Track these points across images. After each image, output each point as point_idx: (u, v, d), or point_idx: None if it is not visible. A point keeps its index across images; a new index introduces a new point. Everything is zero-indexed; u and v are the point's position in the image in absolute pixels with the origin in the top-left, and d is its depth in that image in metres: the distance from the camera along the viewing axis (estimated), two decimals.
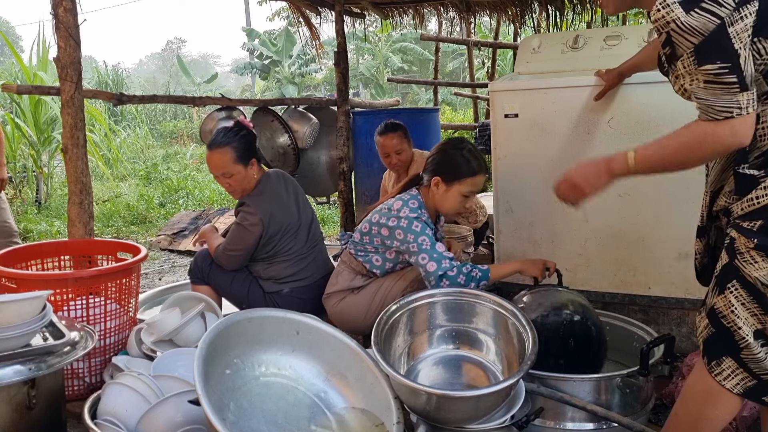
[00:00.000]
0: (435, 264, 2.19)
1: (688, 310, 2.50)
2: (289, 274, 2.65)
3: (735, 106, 1.33)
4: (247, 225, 2.55)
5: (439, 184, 2.34)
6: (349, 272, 2.53)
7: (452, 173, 2.32)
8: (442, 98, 14.93)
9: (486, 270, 2.20)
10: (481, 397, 1.64)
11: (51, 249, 2.69)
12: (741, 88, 1.31)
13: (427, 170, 2.41)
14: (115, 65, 17.48)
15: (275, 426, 1.71)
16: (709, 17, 1.27)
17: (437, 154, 2.40)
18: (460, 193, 2.34)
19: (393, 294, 2.37)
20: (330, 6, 4.65)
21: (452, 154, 2.35)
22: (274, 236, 2.60)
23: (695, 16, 1.28)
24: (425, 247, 2.22)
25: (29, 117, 7.25)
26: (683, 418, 1.59)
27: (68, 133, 2.66)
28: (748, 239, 1.39)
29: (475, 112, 7.83)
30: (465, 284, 2.15)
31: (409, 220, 2.28)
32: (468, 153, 2.34)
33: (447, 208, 2.39)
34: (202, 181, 9.07)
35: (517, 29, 6.61)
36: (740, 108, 1.33)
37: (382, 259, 2.46)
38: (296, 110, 4.76)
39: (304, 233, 2.69)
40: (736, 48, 1.29)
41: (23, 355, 1.69)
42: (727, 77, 1.31)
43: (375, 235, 2.41)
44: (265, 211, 2.55)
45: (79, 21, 2.64)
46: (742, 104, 1.33)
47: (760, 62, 1.37)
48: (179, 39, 63.96)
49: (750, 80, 1.32)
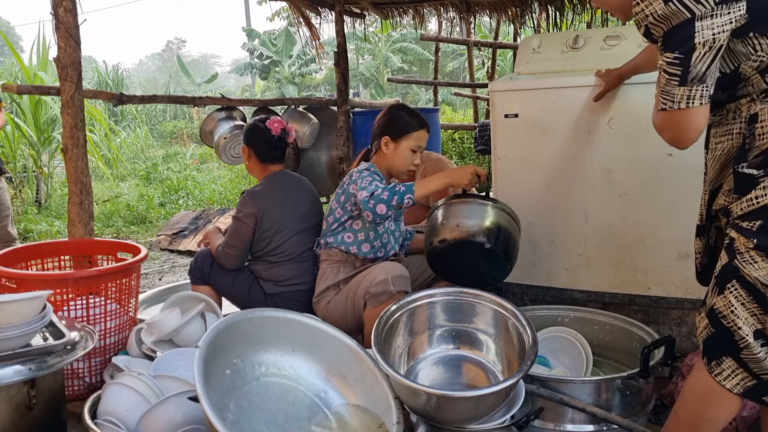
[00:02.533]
0: (365, 192, 2.26)
1: (688, 310, 2.50)
2: (290, 276, 2.64)
3: (669, 99, 1.37)
4: (242, 216, 2.60)
5: (388, 143, 2.50)
6: (331, 267, 2.53)
7: (399, 130, 2.49)
8: (442, 98, 14.93)
9: (410, 185, 2.22)
10: (481, 398, 1.64)
11: (51, 249, 2.69)
12: (679, 81, 1.34)
13: (375, 135, 2.56)
14: (115, 65, 17.51)
15: (275, 426, 1.71)
16: (683, 10, 1.29)
17: (383, 117, 2.57)
18: (408, 148, 2.49)
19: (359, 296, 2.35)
20: (330, 6, 4.65)
21: (396, 114, 2.54)
22: (268, 231, 2.61)
23: (672, 7, 1.30)
24: (363, 184, 2.32)
25: (29, 117, 7.25)
26: (683, 418, 1.58)
27: (68, 133, 2.66)
28: (748, 239, 1.39)
29: (475, 112, 7.83)
30: (388, 199, 2.19)
31: (359, 172, 2.43)
32: (410, 111, 2.56)
33: (399, 165, 2.52)
34: (202, 181, 9.07)
35: (517, 29, 6.60)
36: (673, 101, 1.36)
37: (353, 234, 2.49)
38: (296, 110, 4.76)
39: (307, 236, 2.68)
40: (696, 42, 1.30)
41: (23, 355, 1.69)
42: (674, 68, 1.34)
43: (335, 209, 2.51)
44: (259, 205, 2.60)
45: (79, 21, 2.65)
46: (675, 98, 1.36)
47: (755, 58, 1.37)
48: (179, 39, 64.03)
49: (695, 77, 1.33)
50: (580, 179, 2.56)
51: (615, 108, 2.45)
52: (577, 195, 2.57)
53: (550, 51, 2.86)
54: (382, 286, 2.26)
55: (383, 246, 2.55)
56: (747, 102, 1.44)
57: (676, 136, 1.43)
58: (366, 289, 2.31)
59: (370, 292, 2.28)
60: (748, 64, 1.38)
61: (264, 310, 1.95)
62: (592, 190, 2.54)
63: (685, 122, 1.39)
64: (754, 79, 1.40)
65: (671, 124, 1.41)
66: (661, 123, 1.43)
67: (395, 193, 2.19)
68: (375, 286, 2.27)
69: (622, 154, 2.47)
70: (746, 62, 1.38)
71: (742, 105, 1.45)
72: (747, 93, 1.44)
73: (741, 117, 1.45)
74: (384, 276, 2.27)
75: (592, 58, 2.72)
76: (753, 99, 1.43)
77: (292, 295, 2.63)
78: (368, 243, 2.51)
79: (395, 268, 2.31)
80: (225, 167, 9.83)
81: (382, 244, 2.54)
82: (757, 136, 1.40)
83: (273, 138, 2.70)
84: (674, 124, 1.40)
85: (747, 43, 1.35)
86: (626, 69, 2.31)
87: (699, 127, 1.40)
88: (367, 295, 2.30)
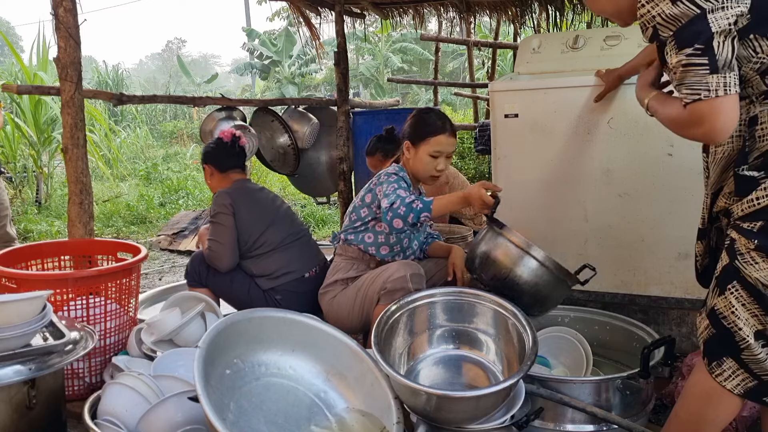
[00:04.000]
0: (386, 200, 2.24)
1: (688, 310, 2.50)
2: (278, 266, 2.66)
3: (703, 88, 1.30)
4: (218, 210, 2.65)
5: (409, 147, 2.46)
6: (346, 262, 2.53)
7: (417, 134, 2.43)
8: (442, 98, 14.94)
9: (428, 202, 2.19)
10: (481, 398, 1.64)
11: (51, 249, 2.69)
12: (710, 69, 1.29)
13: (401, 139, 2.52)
14: (115, 65, 17.51)
15: (275, 426, 1.71)
16: (692, 7, 1.29)
17: (408, 121, 2.51)
18: (427, 153, 2.41)
19: (371, 294, 2.34)
20: (330, 6, 4.65)
21: (418, 117, 2.48)
22: (245, 222, 2.66)
23: (680, 6, 1.30)
24: (387, 190, 2.29)
25: (29, 117, 7.25)
26: (683, 418, 1.58)
27: (68, 133, 2.66)
28: (749, 240, 1.39)
29: (475, 112, 7.83)
30: (405, 215, 2.17)
31: (388, 175, 2.39)
32: (433, 114, 2.47)
33: (420, 171, 2.46)
34: (202, 181, 9.03)
35: (517, 29, 6.59)
36: (708, 90, 1.30)
37: (373, 236, 2.48)
38: (296, 110, 4.75)
39: (283, 223, 2.73)
40: (713, 31, 1.28)
41: (23, 355, 1.69)
42: (699, 59, 1.30)
43: (360, 207, 2.49)
44: (232, 197, 2.67)
45: (79, 21, 2.64)
46: (711, 86, 1.29)
47: (756, 60, 1.36)
48: (179, 39, 64.02)
49: (725, 63, 1.29)
50: (580, 179, 2.56)
51: (615, 108, 2.45)
52: (577, 195, 2.57)
53: (550, 51, 2.86)
54: (400, 282, 2.24)
55: (402, 250, 2.54)
56: (746, 104, 1.44)
57: (712, 128, 1.32)
58: (382, 285, 2.29)
59: (387, 288, 2.27)
60: (749, 66, 1.38)
61: (264, 310, 1.95)
62: (592, 190, 2.54)
63: (724, 111, 1.30)
64: (754, 80, 1.40)
65: (708, 116, 1.31)
66: (693, 117, 1.33)
67: (412, 210, 2.17)
68: (392, 282, 2.26)
69: (622, 154, 2.48)
70: (747, 64, 1.38)
71: (741, 107, 1.44)
72: (746, 95, 1.43)
73: (741, 119, 1.44)
74: (403, 273, 2.26)
75: (592, 58, 2.72)
76: (752, 101, 1.43)
77: (288, 286, 2.66)
78: (387, 246, 2.50)
79: (413, 266, 2.30)
80: None
81: (402, 248, 2.53)
82: (758, 138, 1.40)
83: (226, 145, 2.82)
84: (712, 115, 1.31)
85: (747, 45, 1.35)
86: (626, 69, 2.31)
87: (736, 116, 1.33)
88: (383, 290, 2.28)
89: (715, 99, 1.30)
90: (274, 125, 4.65)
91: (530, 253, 1.98)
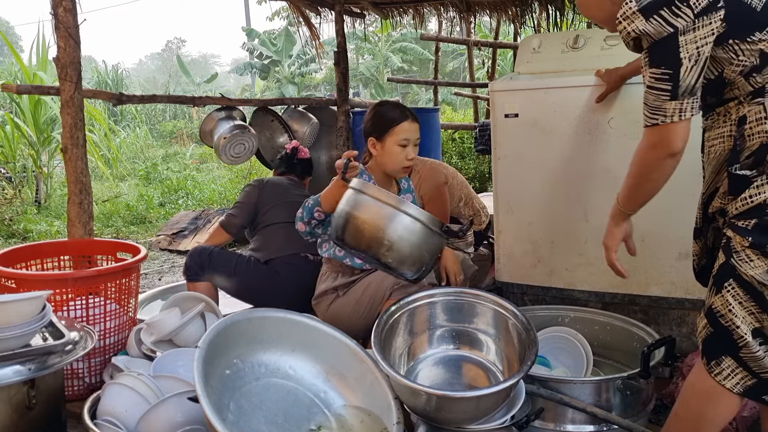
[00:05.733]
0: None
1: (688, 310, 2.50)
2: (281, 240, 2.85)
3: (661, 114, 1.40)
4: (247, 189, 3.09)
5: (374, 144, 2.42)
6: (329, 273, 2.52)
7: (380, 127, 2.40)
8: (442, 98, 14.93)
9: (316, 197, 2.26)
10: (482, 398, 1.64)
11: (51, 249, 2.69)
12: (671, 96, 1.38)
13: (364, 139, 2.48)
14: (114, 65, 17.50)
15: (275, 426, 1.71)
16: (665, 26, 1.34)
17: (366, 119, 2.48)
18: (395, 144, 2.38)
19: (382, 290, 2.31)
20: (330, 6, 4.65)
21: (376, 111, 2.45)
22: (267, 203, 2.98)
23: (653, 23, 1.35)
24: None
25: (29, 117, 7.23)
26: (683, 418, 1.59)
27: (68, 133, 2.66)
28: (743, 238, 1.40)
29: (475, 112, 7.83)
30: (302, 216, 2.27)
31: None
32: (390, 105, 2.46)
33: (391, 164, 2.42)
34: (202, 181, 9.06)
35: (517, 29, 6.60)
36: (665, 116, 1.40)
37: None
38: (296, 110, 4.76)
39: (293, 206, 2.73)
40: (681, 57, 1.35)
41: (23, 355, 1.69)
42: (663, 84, 1.38)
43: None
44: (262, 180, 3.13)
45: (79, 21, 2.64)
46: (667, 112, 1.40)
47: (737, 63, 1.40)
48: (179, 39, 64.00)
49: (685, 91, 1.37)
50: (580, 179, 2.55)
51: (615, 108, 2.45)
52: (577, 195, 2.57)
53: (551, 51, 2.86)
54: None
55: None
56: (735, 105, 1.47)
57: (667, 151, 1.45)
58: (396, 279, 2.23)
59: (401, 282, 2.23)
60: (731, 68, 1.41)
61: (264, 310, 1.94)
62: (592, 190, 2.54)
63: (677, 135, 1.42)
64: (739, 82, 1.43)
65: (663, 139, 1.44)
66: (652, 139, 1.46)
67: (304, 208, 2.26)
68: None
69: (622, 154, 2.46)
70: (729, 67, 1.41)
71: (731, 108, 1.48)
72: (734, 96, 1.46)
73: (731, 120, 1.47)
74: None
75: (592, 57, 2.72)
76: (740, 102, 1.45)
77: (288, 259, 2.81)
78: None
79: None
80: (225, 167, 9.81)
81: None
82: (747, 137, 1.42)
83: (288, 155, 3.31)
84: (666, 138, 1.43)
85: (728, 50, 1.39)
86: (628, 70, 2.31)
87: (687, 137, 1.44)
88: (396, 285, 2.25)
89: (670, 124, 1.41)
90: (274, 125, 4.65)
91: (401, 209, 1.86)
